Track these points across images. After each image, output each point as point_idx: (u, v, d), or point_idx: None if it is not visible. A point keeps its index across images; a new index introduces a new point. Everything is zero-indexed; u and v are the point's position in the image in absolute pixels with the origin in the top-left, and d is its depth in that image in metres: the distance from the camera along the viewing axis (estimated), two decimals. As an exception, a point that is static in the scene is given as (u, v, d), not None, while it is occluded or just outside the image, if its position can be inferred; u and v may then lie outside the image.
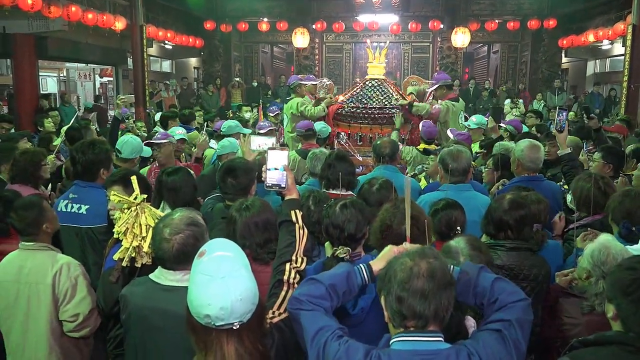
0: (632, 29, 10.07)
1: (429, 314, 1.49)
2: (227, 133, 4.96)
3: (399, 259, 1.58)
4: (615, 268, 1.81)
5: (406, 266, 1.52)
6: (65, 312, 2.60)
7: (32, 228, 2.64)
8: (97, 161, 3.13)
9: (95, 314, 2.65)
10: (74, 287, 2.60)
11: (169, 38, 14.25)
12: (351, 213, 2.22)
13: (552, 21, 14.74)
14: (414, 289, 1.48)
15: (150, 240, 2.16)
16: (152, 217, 2.20)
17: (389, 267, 1.59)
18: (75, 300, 2.60)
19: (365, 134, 5.84)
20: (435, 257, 1.56)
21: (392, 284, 1.53)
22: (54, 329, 2.61)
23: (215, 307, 1.37)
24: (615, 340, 1.69)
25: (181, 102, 14.10)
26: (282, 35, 16.54)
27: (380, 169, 3.87)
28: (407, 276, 1.50)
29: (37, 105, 10.40)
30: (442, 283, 1.50)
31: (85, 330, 2.64)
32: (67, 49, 11.63)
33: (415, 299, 1.48)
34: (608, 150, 4.00)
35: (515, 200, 2.59)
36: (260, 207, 2.39)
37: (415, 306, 1.48)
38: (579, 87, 16.97)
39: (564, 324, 2.37)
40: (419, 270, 1.51)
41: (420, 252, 1.58)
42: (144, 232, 2.16)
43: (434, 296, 1.48)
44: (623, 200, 2.73)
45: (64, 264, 2.62)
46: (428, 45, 16.73)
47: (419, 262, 1.53)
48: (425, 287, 1.48)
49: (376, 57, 6.10)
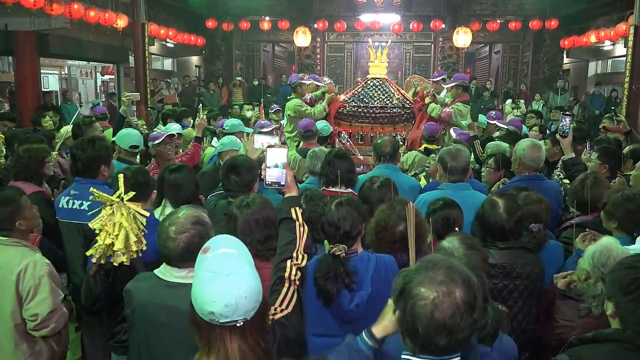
0: (634, 30, 10.08)
1: (452, 345, 1.32)
2: (230, 131, 4.97)
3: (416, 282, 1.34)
4: (616, 266, 1.82)
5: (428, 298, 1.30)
6: (26, 311, 2.60)
7: (6, 224, 2.66)
8: (97, 158, 3.14)
9: (56, 315, 2.65)
10: (36, 287, 2.59)
11: (171, 36, 14.28)
12: (346, 210, 2.24)
13: (553, 21, 14.75)
14: (436, 326, 1.29)
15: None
16: (128, 217, 2.15)
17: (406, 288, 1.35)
18: (36, 300, 2.59)
19: (367, 133, 5.85)
20: (463, 281, 1.33)
21: (409, 315, 1.32)
22: (18, 325, 2.61)
23: (220, 304, 1.37)
24: (613, 338, 1.70)
25: (182, 101, 14.11)
26: (283, 34, 16.55)
27: (380, 167, 3.87)
28: (429, 311, 1.29)
29: (39, 102, 10.42)
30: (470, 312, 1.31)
31: (45, 330, 2.63)
32: (68, 46, 11.65)
33: (437, 335, 1.30)
34: (605, 150, 4.00)
35: (510, 206, 2.55)
36: (260, 204, 2.40)
37: (437, 342, 1.30)
38: (581, 87, 16.97)
39: (560, 327, 2.37)
40: (445, 304, 1.29)
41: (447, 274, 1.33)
42: (116, 230, 2.12)
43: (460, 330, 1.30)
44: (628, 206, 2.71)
45: (30, 262, 2.61)
46: (430, 45, 16.74)
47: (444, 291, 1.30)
48: (450, 323, 1.28)
49: (378, 57, 6.11)
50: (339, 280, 2.16)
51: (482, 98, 14.20)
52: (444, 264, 1.35)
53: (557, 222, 3.47)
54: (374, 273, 2.21)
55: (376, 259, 2.27)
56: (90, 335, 3.21)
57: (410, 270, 1.39)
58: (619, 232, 2.74)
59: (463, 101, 6.07)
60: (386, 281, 2.23)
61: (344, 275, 2.16)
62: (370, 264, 2.24)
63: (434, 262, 1.36)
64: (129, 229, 2.15)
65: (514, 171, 3.74)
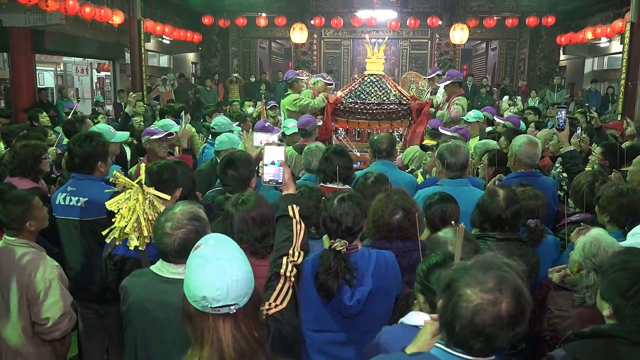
0: (630, 27, 10.10)
1: (486, 351, 1.30)
2: (219, 131, 4.92)
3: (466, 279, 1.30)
4: (608, 267, 1.82)
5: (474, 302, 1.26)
6: (36, 315, 2.59)
7: (16, 224, 2.65)
8: (94, 153, 3.12)
9: (67, 318, 2.65)
10: (47, 290, 2.59)
11: (167, 33, 14.22)
12: (349, 206, 2.24)
13: (550, 18, 14.77)
14: (473, 330, 1.26)
15: (146, 228, 2.24)
16: (143, 202, 2.26)
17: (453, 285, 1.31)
18: (47, 303, 2.59)
19: (364, 130, 5.85)
20: (512, 293, 1.27)
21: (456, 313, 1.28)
22: (25, 328, 2.61)
23: (212, 287, 1.38)
24: (610, 334, 1.71)
25: (178, 97, 14.07)
26: (280, 31, 16.52)
27: (377, 164, 3.87)
28: (469, 314, 1.26)
29: (34, 99, 10.37)
30: None
31: (56, 333, 2.64)
32: (64, 43, 11.60)
33: (473, 339, 1.27)
34: (609, 147, 4.03)
35: (510, 197, 2.60)
36: (256, 202, 2.39)
37: (472, 344, 1.28)
38: (577, 84, 17.01)
39: (554, 317, 2.39)
40: (487, 313, 1.25)
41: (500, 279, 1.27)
42: (129, 214, 2.21)
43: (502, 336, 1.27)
44: (620, 200, 2.74)
45: (40, 265, 2.61)
46: (426, 42, 16.75)
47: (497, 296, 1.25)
48: (488, 331, 1.25)
49: (375, 53, 6.10)
50: (340, 276, 2.16)
51: (479, 95, 14.22)
52: (497, 272, 1.28)
53: (552, 218, 3.48)
54: (375, 269, 2.22)
55: (377, 255, 2.27)
56: (87, 333, 3.20)
57: (463, 266, 1.34)
58: (611, 226, 2.78)
59: (460, 95, 6.08)
60: (387, 277, 2.25)
61: (345, 271, 2.16)
62: (370, 260, 2.24)
63: (487, 264, 1.31)
64: (141, 214, 2.23)
65: (510, 167, 3.75)
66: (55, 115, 10.05)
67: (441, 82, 6.34)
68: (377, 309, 2.23)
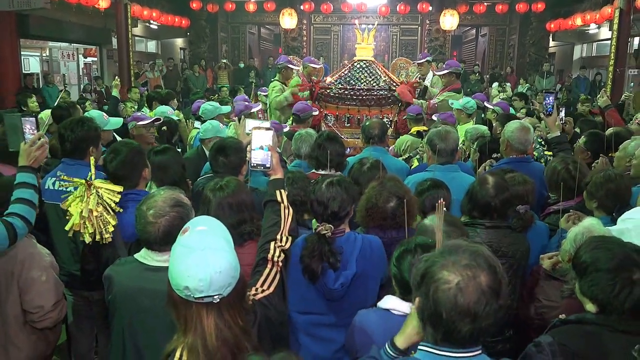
0: (619, 13, 10.12)
1: (475, 333, 1.28)
2: (206, 118, 4.87)
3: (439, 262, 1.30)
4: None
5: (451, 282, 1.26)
6: (28, 303, 2.55)
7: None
8: (86, 138, 3.07)
9: (59, 307, 2.62)
10: (39, 278, 2.55)
11: (154, 17, 14.02)
12: (336, 191, 2.25)
13: (540, 5, 14.74)
14: (460, 311, 1.25)
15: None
16: (86, 199, 2.40)
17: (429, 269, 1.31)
18: (39, 291, 2.55)
19: (353, 116, 5.82)
20: (488, 266, 1.28)
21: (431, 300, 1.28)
22: (17, 316, 2.57)
23: (195, 278, 1.37)
24: (594, 321, 1.74)
25: (167, 83, 13.92)
26: (269, 16, 16.36)
27: (369, 150, 3.87)
28: (452, 295, 1.25)
29: (19, 85, 10.20)
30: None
31: (48, 321, 2.60)
32: (49, 27, 11.40)
33: (461, 321, 1.26)
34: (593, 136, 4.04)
35: (499, 184, 2.59)
36: (235, 188, 2.36)
37: (460, 328, 1.27)
38: (566, 71, 17.05)
39: (543, 307, 2.41)
40: (469, 289, 1.25)
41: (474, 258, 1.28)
42: (75, 212, 2.36)
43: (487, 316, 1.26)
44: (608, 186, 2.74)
45: (32, 253, 2.57)
46: (416, 28, 16.68)
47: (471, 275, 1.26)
48: (474, 309, 1.24)
49: (364, 39, 6.06)
50: (324, 259, 2.17)
51: (469, 81, 14.22)
52: (468, 248, 1.30)
53: (542, 203, 3.50)
54: (359, 254, 2.23)
55: (362, 239, 2.28)
56: (76, 319, 3.18)
57: (433, 255, 1.33)
58: (599, 212, 2.79)
59: (455, 89, 6.05)
60: (371, 262, 2.25)
61: (329, 254, 2.18)
62: (356, 245, 2.25)
63: (457, 246, 1.32)
64: (84, 209, 2.34)
65: (502, 153, 3.76)
66: (42, 102, 9.89)
67: (439, 70, 6.32)
68: (362, 292, 2.24)
